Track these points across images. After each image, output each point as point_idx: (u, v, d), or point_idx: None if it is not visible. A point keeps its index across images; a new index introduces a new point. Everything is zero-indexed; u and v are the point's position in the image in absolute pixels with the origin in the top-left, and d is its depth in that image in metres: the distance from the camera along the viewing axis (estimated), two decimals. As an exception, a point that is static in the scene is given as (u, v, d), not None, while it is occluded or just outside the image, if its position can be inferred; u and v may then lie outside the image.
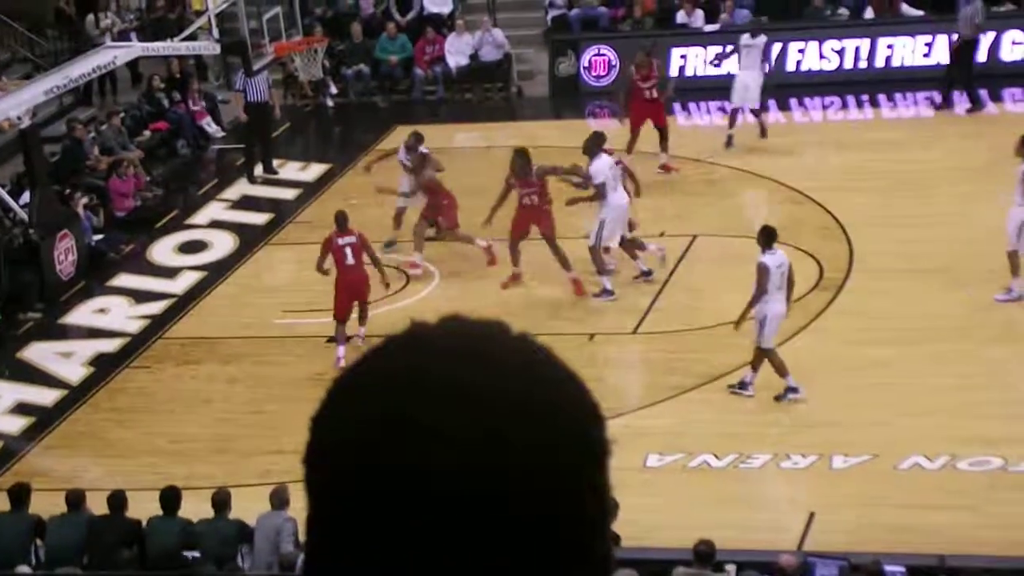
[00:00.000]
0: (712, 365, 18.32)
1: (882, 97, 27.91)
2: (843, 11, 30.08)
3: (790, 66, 28.96)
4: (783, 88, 28.12)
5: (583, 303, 20.37)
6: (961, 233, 21.00)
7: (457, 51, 30.35)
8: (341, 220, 19.38)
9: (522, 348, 1.78)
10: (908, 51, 28.61)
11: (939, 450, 15.87)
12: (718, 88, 26.97)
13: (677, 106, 28.25)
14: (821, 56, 29.01)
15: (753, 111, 25.16)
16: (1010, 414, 16.46)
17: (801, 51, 29.06)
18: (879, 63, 28.71)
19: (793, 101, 28.08)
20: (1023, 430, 16.07)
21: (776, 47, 28.93)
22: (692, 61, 29.22)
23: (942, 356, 17.88)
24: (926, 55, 28.51)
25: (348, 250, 19.16)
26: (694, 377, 18.11)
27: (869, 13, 29.68)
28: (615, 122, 26.09)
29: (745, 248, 20.39)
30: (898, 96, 27.89)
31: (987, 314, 18.77)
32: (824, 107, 28.15)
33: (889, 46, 28.66)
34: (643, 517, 14.48)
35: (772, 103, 28.16)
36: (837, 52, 28.96)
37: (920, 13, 29.34)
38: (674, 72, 28.80)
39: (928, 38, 28.43)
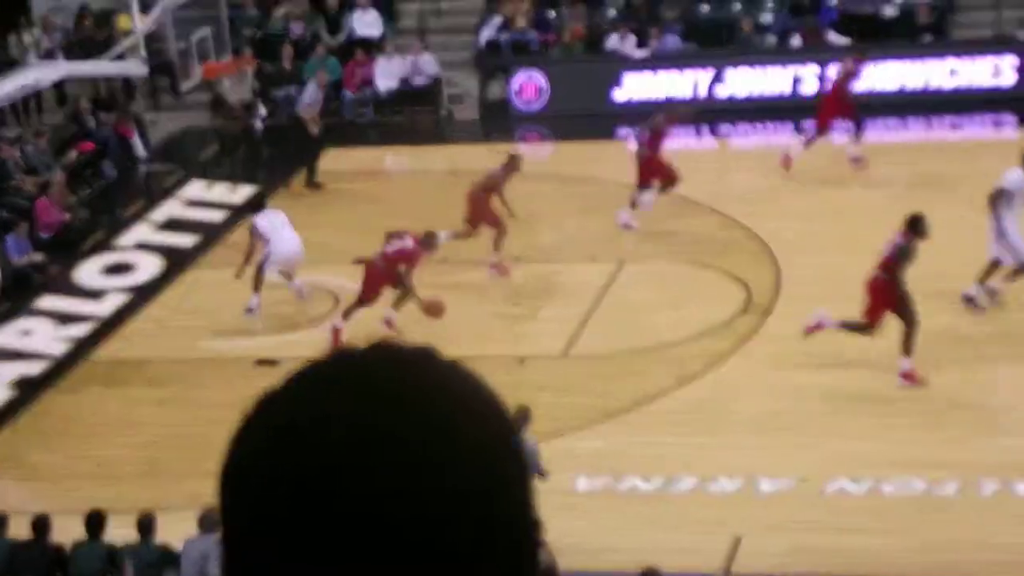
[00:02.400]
0: (642, 388, 18.38)
1: (811, 123, 28.08)
2: (771, 38, 30.31)
3: (722, 93, 29.14)
4: (714, 114, 28.29)
5: (514, 327, 20.39)
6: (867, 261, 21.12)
7: (387, 74, 30.35)
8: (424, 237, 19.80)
9: (450, 376, 1.78)
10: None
11: (865, 474, 15.97)
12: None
13: (626, 130, 28.43)
14: (751, 82, 29.20)
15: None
16: (936, 438, 16.58)
17: (732, 78, 29.24)
18: (806, 90, 28.91)
19: (725, 127, 28.25)
20: (947, 454, 16.19)
21: (707, 74, 29.14)
22: (629, 85, 29.33)
23: (868, 380, 17.99)
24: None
25: (391, 248, 19.51)
26: (623, 400, 18.15)
27: (797, 41, 29.91)
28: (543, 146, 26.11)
29: (675, 272, 20.52)
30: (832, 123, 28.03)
31: (927, 337, 18.90)
32: (756, 132, 28.33)
33: (817, 74, 28.89)
34: (571, 541, 14.50)
35: (704, 129, 28.36)
36: (766, 78, 29.16)
37: (847, 41, 29.58)
38: (617, 97, 29.00)
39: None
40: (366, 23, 31.48)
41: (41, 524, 14.75)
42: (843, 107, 25.08)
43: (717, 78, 29.20)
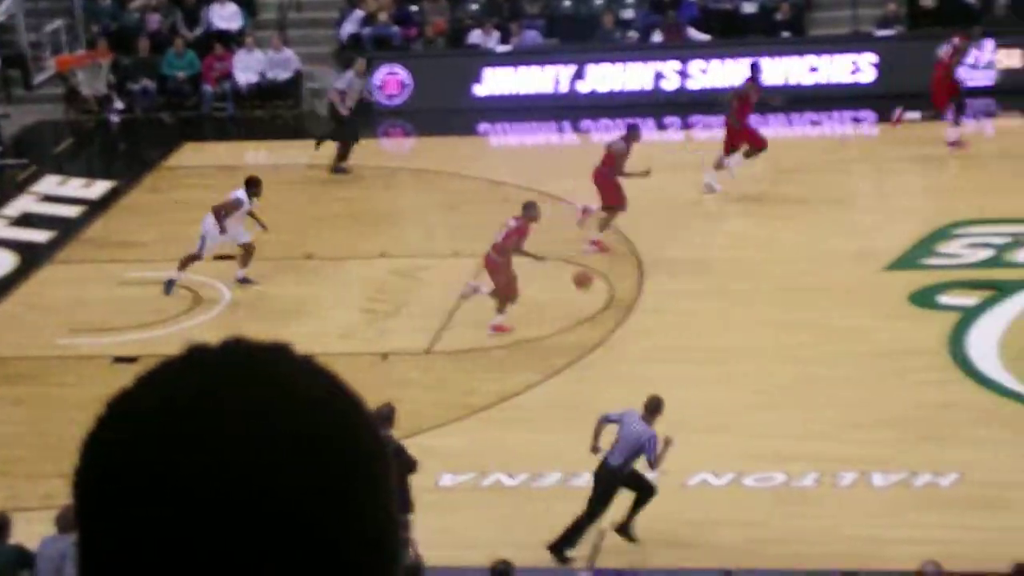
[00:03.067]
0: (506, 384, 18.35)
1: (677, 120, 28.28)
2: (632, 34, 30.43)
3: (583, 88, 29.20)
4: (578, 111, 28.35)
5: (376, 322, 20.27)
6: (753, 255, 21.31)
7: (246, 68, 30.05)
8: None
9: (304, 371, 1.76)
10: (699, 74, 29.02)
11: (726, 467, 16.06)
12: (520, 108, 27.15)
13: (487, 126, 28.43)
14: (613, 78, 29.29)
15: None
16: (795, 432, 16.72)
17: (593, 73, 29.31)
18: (668, 86, 29.07)
19: (588, 123, 28.33)
20: (807, 447, 16.33)
21: (569, 69, 29.19)
22: (490, 81, 29.29)
23: (730, 374, 18.12)
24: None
25: (499, 237, 19.51)
26: (487, 396, 18.11)
27: (658, 37, 30.06)
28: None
29: (536, 269, 20.48)
30: (694, 119, 28.26)
31: (777, 335, 19.06)
32: (618, 128, 28.42)
33: (678, 70, 29.06)
34: (436, 537, 14.43)
35: (567, 125, 28.42)
36: (628, 74, 29.26)
37: (707, 38, 29.79)
38: (479, 92, 28.96)
39: (718, 62, 28.87)
40: (224, 16, 31.15)
41: None
42: (949, 88, 25.13)
43: (579, 74, 29.26)
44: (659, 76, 29.14)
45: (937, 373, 17.73)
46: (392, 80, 29.75)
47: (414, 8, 31.20)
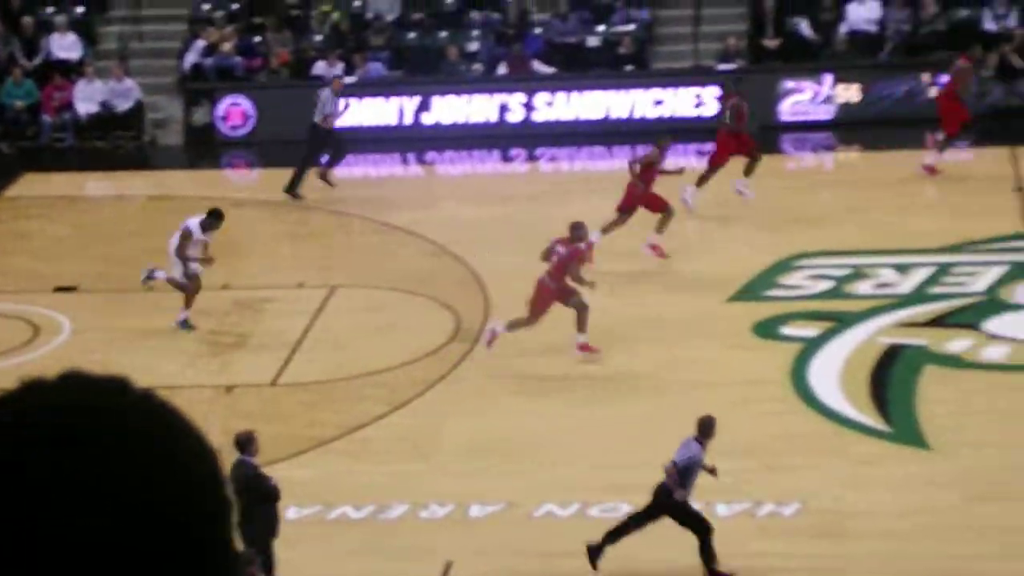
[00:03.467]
0: (353, 415, 18.24)
1: (523, 152, 28.38)
2: (477, 66, 30.52)
3: (428, 120, 29.20)
4: (423, 142, 28.35)
5: (221, 354, 20.06)
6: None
7: (87, 98, 29.66)
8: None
9: (142, 406, 1.74)
10: (544, 107, 29.16)
11: (572, 498, 16.09)
12: (364, 140, 27.09)
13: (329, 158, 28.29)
14: (457, 110, 29.33)
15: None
16: (640, 462, 16.77)
17: (438, 105, 29.32)
18: (514, 118, 29.18)
19: (433, 155, 28.33)
20: (652, 477, 16.37)
21: (413, 101, 29.18)
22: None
23: (574, 405, 18.16)
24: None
25: (555, 257, 19.27)
26: (334, 428, 17.99)
27: (503, 69, 30.16)
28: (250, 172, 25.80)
29: (385, 299, 20.43)
30: (539, 151, 28.38)
31: (623, 366, 19.16)
32: (463, 160, 28.45)
33: (523, 103, 29.18)
34: (282, 571, 14.28)
35: (411, 157, 28.40)
36: (473, 106, 29.31)
37: (552, 71, 29.97)
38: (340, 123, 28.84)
39: (563, 95, 29.04)
40: (64, 45, 30.72)
41: None
42: (958, 112, 25.30)
43: (423, 105, 29.26)
44: (504, 108, 29.24)
45: (779, 403, 17.93)
46: (235, 111, 29.53)
47: (257, 39, 31.03)
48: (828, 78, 28.73)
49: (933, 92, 27.31)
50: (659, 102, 28.93)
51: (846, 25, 30.26)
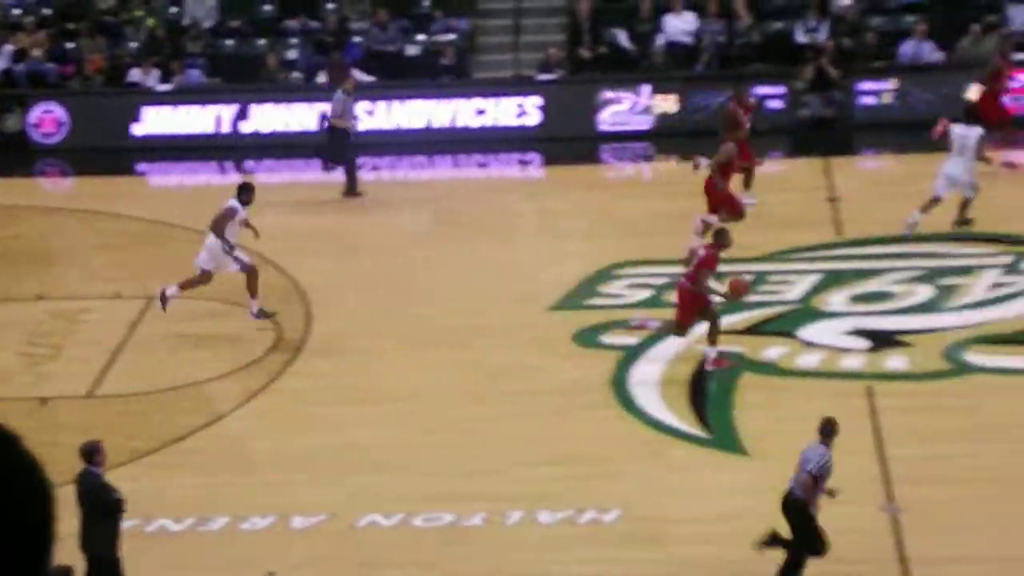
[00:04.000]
0: (173, 427, 18.00)
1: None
2: (297, 75, 30.31)
3: (246, 128, 28.94)
4: (241, 151, 28.08)
5: (35, 366, 19.68)
6: (419, 295, 21.39)
7: None
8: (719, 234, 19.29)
9: None
10: (364, 115, 29.03)
11: (396, 507, 16.02)
12: (181, 148, 26.75)
13: (147, 165, 27.96)
14: (277, 118, 29.11)
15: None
16: (463, 471, 16.79)
17: (257, 114, 29.07)
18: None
19: (251, 163, 28.07)
20: (475, 486, 16.40)
21: (231, 109, 28.90)
22: (150, 120, 28.80)
23: (399, 414, 18.11)
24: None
25: (691, 267, 19.01)
26: (152, 440, 17.72)
27: (323, 78, 29.99)
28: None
29: (204, 309, 20.18)
30: (360, 160, 28.26)
31: (444, 374, 19.15)
32: (283, 169, 28.24)
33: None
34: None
35: (229, 165, 28.12)
36: (292, 115, 29.10)
37: (372, 79, 29.86)
38: (138, 131, 28.43)
39: (384, 104, 28.94)
40: None
41: None
42: (998, 112, 25.66)
43: (241, 114, 28.99)
44: (324, 117, 29.06)
45: (600, 411, 18.03)
46: (48, 118, 29.00)
47: (70, 45, 30.50)
48: (646, 89, 29.00)
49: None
50: (481, 111, 28.98)
51: (663, 36, 30.57)
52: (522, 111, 28.90)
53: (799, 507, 14.22)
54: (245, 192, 20.62)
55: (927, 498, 15.58)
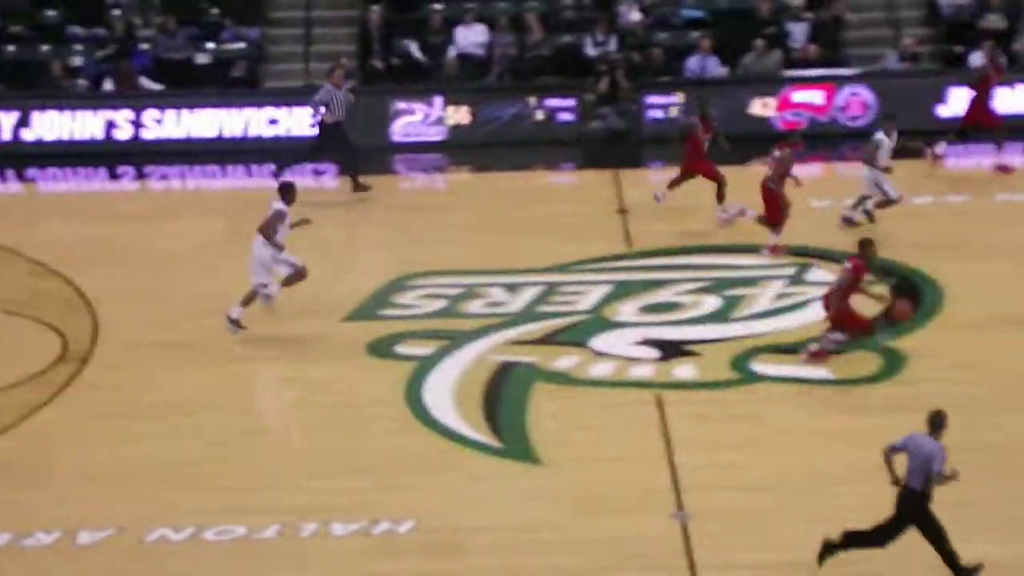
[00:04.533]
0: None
1: (130, 169, 27.86)
2: (82, 82, 29.81)
3: (29, 136, 28.39)
4: (24, 159, 27.56)
5: None
6: (211, 306, 21.16)
7: None
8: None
9: None
10: (153, 124, 28.66)
11: (187, 521, 15.80)
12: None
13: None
14: (61, 126, 28.61)
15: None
16: (256, 483, 16.62)
17: (40, 121, 28.54)
18: (122, 135, 28.59)
19: (35, 172, 27.56)
20: (268, 499, 16.24)
21: (12, 116, 28.35)
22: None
23: (189, 427, 17.89)
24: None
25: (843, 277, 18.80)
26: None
27: (109, 85, 29.54)
28: None
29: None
30: (148, 169, 27.90)
31: (236, 385, 18.98)
32: (68, 178, 27.76)
33: (131, 120, 28.63)
34: None
35: (11, 174, 27.58)
36: (77, 123, 28.63)
37: (160, 87, 29.49)
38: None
39: (173, 112, 28.60)
40: None
41: None
42: (989, 120, 26.34)
43: (23, 121, 28.44)
44: (111, 125, 28.66)
45: (394, 422, 17.99)
46: None
47: None
48: (438, 100, 29.06)
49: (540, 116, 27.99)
50: (273, 121, 28.77)
51: (455, 48, 30.68)
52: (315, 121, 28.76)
53: (917, 501, 14.05)
54: (288, 192, 20.51)
55: (715, 506, 15.81)
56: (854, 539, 14.36)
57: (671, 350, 19.82)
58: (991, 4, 31.31)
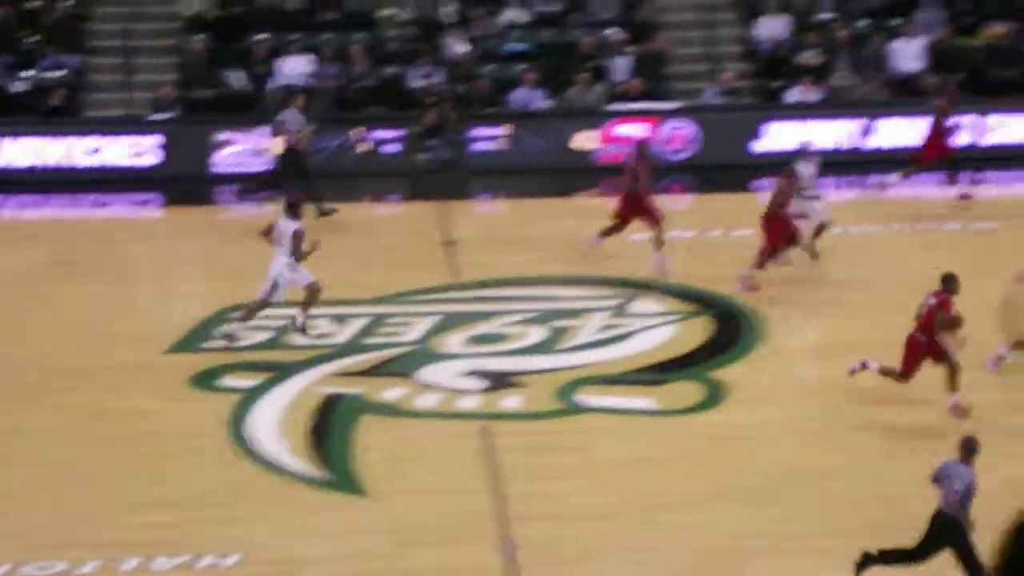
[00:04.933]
0: None
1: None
2: None
3: None
4: None
5: None
6: (27, 337, 20.83)
7: None
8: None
9: None
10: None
11: (3, 558, 15.48)
12: None
13: None
14: None
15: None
16: (75, 518, 16.33)
17: None
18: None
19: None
20: (85, 533, 15.98)
21: None
22: None
23: (7, 458, 17.55)
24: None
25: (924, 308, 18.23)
26: None
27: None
28: None
29: None
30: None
31: (59, 418, 18.70)
32: None
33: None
34: None
35: None
36: None
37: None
38: None
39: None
40: None
41: None
42: (938, 148, 26.13)
43: None
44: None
45: (219, 454, 17.81)
46: None
47: None
48: (262, 131, 28.90)
49: (363, 148, 27.96)
50: (95, 150, 28.41)
51: (278, 79, 30.55)
52: (138, 151, 28.45)
53: (953, 524, 13.94)
54: (298, 208, 20.76)
55: (542, 535, 15.88)
56: (890, 556, 14.34)
57: (497, 381, 19.89)
58: (807, 41, 31.95)
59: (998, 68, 31.36)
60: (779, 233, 22.89)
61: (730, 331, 21.42)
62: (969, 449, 14.26)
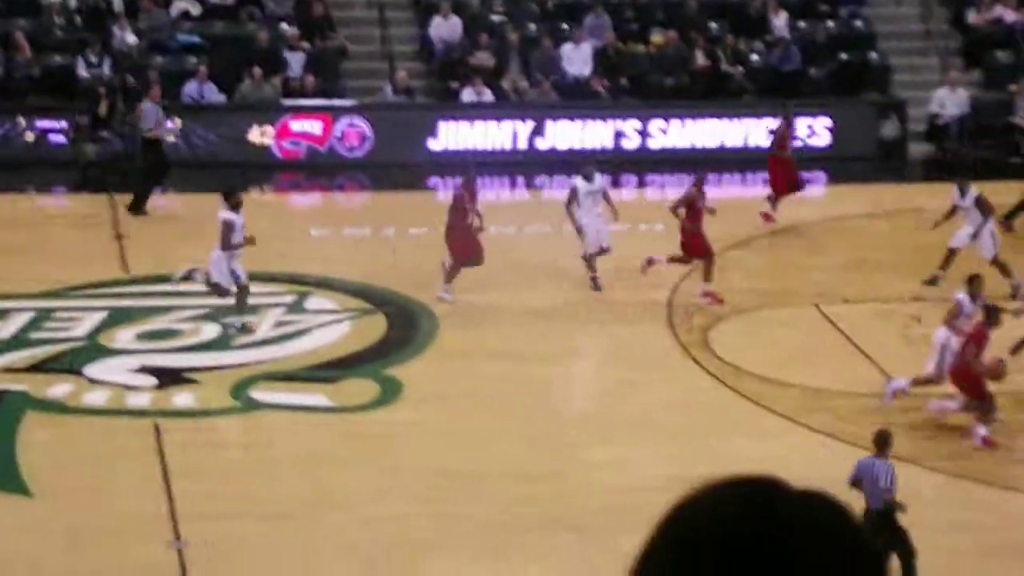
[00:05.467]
0: None
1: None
2: None
3: None
4: None
5: None
6: None
7: None
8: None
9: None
10: None
11: None
12: None
13: None
14: None
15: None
16: None
17: None
18: None
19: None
20: None
21: None
22: None
23: None
24: None
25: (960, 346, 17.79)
26: None
27: None
28: None
29: None
30: None
31: None
32: None
33: None
34: None
35: None
36: None
37: None
38: None
39: None
40: None
41: None
42: (783, 170, 26.06)
43: None
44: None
45: None
46: None
47: None
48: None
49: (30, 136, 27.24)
50: None
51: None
52: None
53: (886, 516, 14.22)
54: (236, 196, 20.60)
55: (214, 533, 15.71)
56: None
57: (169, 378, 19.57)
58: (479, 42, 32.29)
59: (661, 75, 32.16)
60: (701, 244, 22.61)
61: (404, 330, 21.49)
62: (883, 442, 14.76)
